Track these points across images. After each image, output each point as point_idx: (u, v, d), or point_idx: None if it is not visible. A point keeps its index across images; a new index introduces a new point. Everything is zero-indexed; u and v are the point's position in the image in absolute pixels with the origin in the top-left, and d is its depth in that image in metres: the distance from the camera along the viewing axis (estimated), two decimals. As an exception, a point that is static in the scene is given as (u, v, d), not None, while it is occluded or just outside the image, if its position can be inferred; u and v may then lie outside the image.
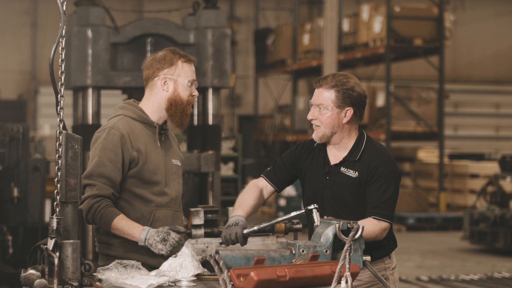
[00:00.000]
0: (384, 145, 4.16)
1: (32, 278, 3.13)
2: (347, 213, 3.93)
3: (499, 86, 24.71)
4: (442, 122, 17.35)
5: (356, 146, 4.01)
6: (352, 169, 3.98)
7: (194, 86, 3.96)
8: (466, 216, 13.39)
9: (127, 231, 3.76)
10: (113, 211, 3.78)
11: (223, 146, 12.89)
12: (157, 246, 3.67)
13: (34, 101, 22.11)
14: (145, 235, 3.71)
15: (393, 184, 3.95)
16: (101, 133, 3.88)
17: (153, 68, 3.93)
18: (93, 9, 6.68)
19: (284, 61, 20.70)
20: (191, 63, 3.96)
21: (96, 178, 3.79)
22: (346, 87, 3.94)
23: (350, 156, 4.00)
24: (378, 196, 3.90)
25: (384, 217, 3.89)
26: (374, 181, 3.92)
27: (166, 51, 3.97)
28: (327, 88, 3.94)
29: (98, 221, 3.79)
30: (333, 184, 4.01)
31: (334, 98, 3.93)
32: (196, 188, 6.63)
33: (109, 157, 3.80)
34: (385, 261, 4.12)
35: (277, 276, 3.17)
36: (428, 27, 17.09)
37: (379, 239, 3.91)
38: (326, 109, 3.94)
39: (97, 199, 3.78)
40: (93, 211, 3.77)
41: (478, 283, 10.13)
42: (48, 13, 22.00)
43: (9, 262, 8.22)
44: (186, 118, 3.95)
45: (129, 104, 3.98)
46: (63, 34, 3.36)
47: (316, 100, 3.97)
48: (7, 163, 8.59)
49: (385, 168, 3.94)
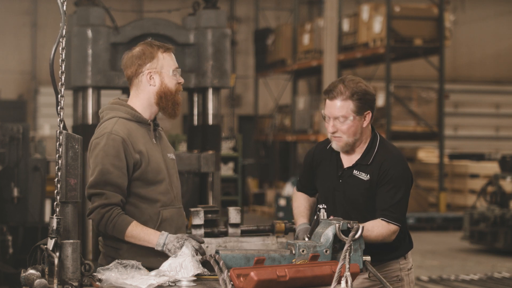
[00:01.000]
0: (396, 147, 4.14)
1: (32, 278, 3.13)
2: (358, 215, 3.91)
3: (499, 86, 24.71)
4: (442, 122, 17.35)
5: (369, 148, 4.00)
6: (364, 172, 3.97)
7: (178, 74, 3.90)
8: (466, 216, 13.39)
9: (143, 237, 3.68)
10: (125, 219, 3.69)
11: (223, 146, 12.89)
12: (176, 251, 3.58)
13: (34, 101, 22.11)
14: (164, 240, 3.65)
15: (404, 187, 3.94)
16: (99, 139, 3.77)
17: (135, 66, 3.85)
18: (93, 9, 6.68)
19: (284, 61, 20.70)
20: (170, 51, 3.90)
21: (103, 186, 3.69)
22: (362, 93, 3.90)
23: (363, 159, 3.99)
24: (388, 199, 3.90)
25: (393, 220, 3.88)
26: (384, 183, 3.92)
27: (143, 45, 3.90)
28: (344, 99, 3.89)
29: (111, 231, 3.69)
30: (345, 187, 4.01)
31: (354, 107, 3.90)
32: (196, 188, 6.63)
33: (113, 163, 3.71)
34: (400, 261, 4.11)
35: (277, 276, 3.17)
36: (428, 27, 17.08)
37: (388, 241, 3.91)
38: (347, 119, 3.91)
39: (107, 208, 3.69)
40: (105, 221, 3.68)
41: (478, 283, 10.13)
42: (48, 13, 22.00)
43: (9, 262, 8.21)
44: (178, 107, 3.89)
45: (119, 105, 3.89)
46: (63, 34, 3.36)
47: (335, 113, 3.91)
48: (7, 163, 8.58)
49: (396, 171, 3.93)
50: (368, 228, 3.73)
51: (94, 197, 3.72)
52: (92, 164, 3.77)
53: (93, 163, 3.75)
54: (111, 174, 3.70)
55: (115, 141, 3.74)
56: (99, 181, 3.70)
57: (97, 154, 3.74)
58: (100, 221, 3.69)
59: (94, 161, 3.75)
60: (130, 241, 3.71)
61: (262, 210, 19.27)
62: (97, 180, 3.71)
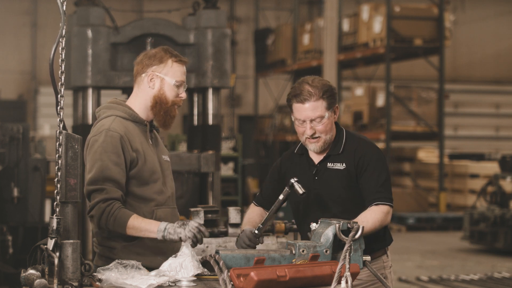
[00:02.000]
0: (362, 135, 4.17)
1: (32, 278, 3.13)
2: (341, 210, 3.93)
3: (499, 86, 24.71)
4: (442, 122, 17.35)
5: (337, 140, 4.03)
6: (338, 162, 3.99)
7: (182, 88, 3.88)
8: (466, 216, 13.40)
9: (144, 227, 3.64)
10: (126, 212, 3.68)
11: (223, 146, 12.89)
12: (176, 230, 3.55)
13: (34, 101, 22.11)
14: (164, 225, 3.60)
15: (385, 168, 3.98)
16: (97, 136, 3.76)
17: (142, 64, 3.86)
18: (93, 9, 6.69)
19: (284, 61, 20.70)
20: (182, 64, 3.88)
21: (102, 182, 3.68)
22: (330, 89, 3.94)
23: (333, 150, 4.01)
24: (374, 182, 3.91)
25: (384, 200, 3.88)
26: (365, 170, 3.94)
27: (159, 49, 3.89)
28: (316, 99, 3.90)
29: (112, 225, 3.67)
30: (322, 183, 4.00)
31: (326, 104, 3.92)
32: (196, 188, 6.63)
33: (112, 160, 3.70)
34: (383, 259, 4.12)
35: (277, 276, 3.17)
36: (428, 27, 17.09)
37: (387, 223, 3.92)
38: (323, 118, 3.93)
39: (108, 203, 3.67)
40: (106, 215, 3.66)
41: (478, 283, 10.13)
42: (48, 13, 22.00)
43: (9, 262, 8.22)
44: (170, 119, 3.87)
45: (117, 104, 3.88)
46: (63, 34, 3.36)
47: (311, 115, 3.91)
48: (7, 163, 8.58)
49: (372, 155, 3.97)
50: (362, 220, 3.71)
51: (94, 193, 3.70)
52: (90, 161, 3.74)
53: (92, 159, 3.73)
54: (110, 170, 3.69)
55: (113, 137, 3.73)
56: (99, 177, 3.69)
57: (95, 151, 3.73)
58: (101, 216, 3.66)
59: (92, 158, 3.73)
60: (131, 234, 3.68)
61: (261, 210, 19.25)
62: (97, 176, 3.69)
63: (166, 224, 3.62)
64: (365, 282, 4.02)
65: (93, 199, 3.70)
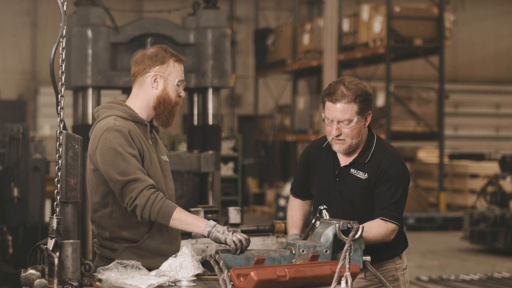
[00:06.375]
0: (393, 146, 4.14)
1: (32, 278, 3.14)
2: (356, 214, 3.92)
3: (499, 86, 24.71)
4: (442, 122, 17.35)
5: (366, 147, 4.00)
6: (362, 170, 3.97)
7: (182, 87, 3.89)
8: (466, 216, 13.39)
9: (191, 221, 3.61)
10: (170, 203, 3.64)
11: (223, 146, 12.89)
12: (225, 231, 3.53)
13: (34, 101, 22.11)
14: (214, 223, 3.59)
15: (402, 186, 3.94)
16: (106, 133, 3.70)
17: (144, 64, 3.83)
18: (93, 9, 6.69)
19: (284, 61, 20.70)
20: (181, 63, 3.90)
21: (134, 171, 3.63)
22: (364, 94, 3.90)
23: (360, 158, 3.99)
24: (387, 198, 3.90)
25: (392, 219, 3.88)
26: (383, 183, 3.92)
27: (158, 48, 3.88)
28: (348, 101, 3.87)
29: (156, 214, 3.61)
30: (342, 186, 4.00)
31: (358, 109, 3.89)
32: (196, 188, 6.63)
33: (130, 152, 3.67)
34: (396, 261, 4.11)
35: (277, 276, 3.17)
36: (428, 27, 17.09)
37: (387, 240, 3.90)
38: (351, 122, 3.90)
39: (152, 190, 3.62)
40: (151, 203, 3.60)
41: (478, 283, 10.13)
42: (48, 13, 22.01)
43: (9, 262, 8.21)
44: (172, 118, 3.88)
45: (117, 104, 3.86)
46: (63, 34, 3.36)
47: (340, 116, 3.89)
48: (7, 163, 8.58)
49: (394, 170, 3.93)
50: (366, 229, 3.70)
51: (130, 183, 3.62)
52: (107, 158, 3.66)
53: (111, 156, 3.66)
54: (133, 160, 3.66)
55: (123, 132, 3.70)
56: (128, 168, 3.63)
57: (109, 147, 3.67)
58: (145, 205, 3.60)
59: (110, 154, 3.66)
60: (173, 225, 3.63)
61: (262, 210, 19.28)
62: (124, 167, 3.63)
63: (216, 223, 3.61)
64: (374, 283, 4.00)
65: (133, 189, 3.62)
